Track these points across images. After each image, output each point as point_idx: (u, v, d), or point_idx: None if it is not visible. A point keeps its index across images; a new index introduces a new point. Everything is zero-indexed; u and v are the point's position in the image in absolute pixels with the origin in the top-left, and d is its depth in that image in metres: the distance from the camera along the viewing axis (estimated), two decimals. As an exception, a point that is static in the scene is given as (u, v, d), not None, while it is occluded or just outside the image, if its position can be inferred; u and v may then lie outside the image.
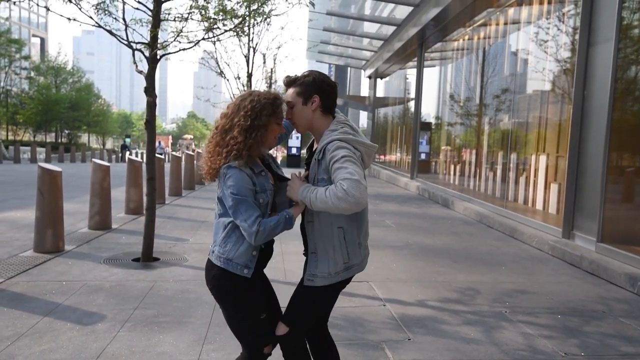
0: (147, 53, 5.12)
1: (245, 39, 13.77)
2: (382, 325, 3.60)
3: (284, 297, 4.18)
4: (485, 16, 10.47)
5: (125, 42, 5.05)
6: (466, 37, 12.03)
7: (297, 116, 2.00)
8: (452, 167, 12.93)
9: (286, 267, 5.10)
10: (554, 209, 7.33)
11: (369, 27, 18.57)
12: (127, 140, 44.40)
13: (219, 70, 13.38)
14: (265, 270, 2.27)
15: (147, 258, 5.16)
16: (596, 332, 3.61)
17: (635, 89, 5.83)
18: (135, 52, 5.11)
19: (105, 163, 6.92)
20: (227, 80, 13.49)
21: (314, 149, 2.05)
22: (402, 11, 13.92)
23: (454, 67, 13.35)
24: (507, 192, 9.00)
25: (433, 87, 14.61)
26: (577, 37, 6.34)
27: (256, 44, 14.19)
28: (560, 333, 3.56)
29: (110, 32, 5.09)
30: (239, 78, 14.07)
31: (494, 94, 10.17)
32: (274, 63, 21.61)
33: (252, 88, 14.23)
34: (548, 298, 4.40)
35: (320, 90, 1.97)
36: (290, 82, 2.02)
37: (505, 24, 9.81)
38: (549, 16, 7.95)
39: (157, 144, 30.59)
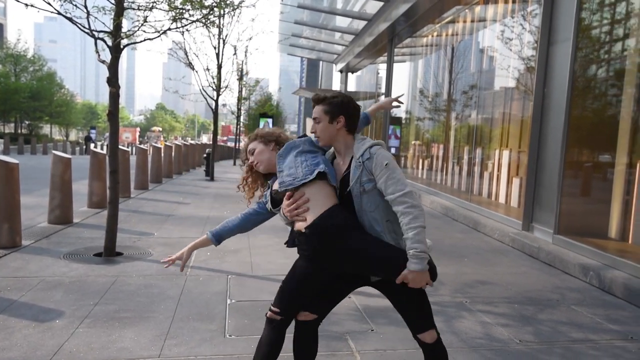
0: (109, 42, 5.01)
1: (214, 30, 13.64)
2: (347, 316, 3.66)
3: (251, 290, 4.21)
4: (454, 13, 10.65)
5: (87, 31, 4.92)
6: (435, 34, 12.22)
7: (321, 131, 2.19)
8: (420, 161, 13.15)
9: (253, 261, 5.11)
10: (515, 202, 7.57)
11: (341, 21, 18.61)
12: (92, 131, 43.25)
13: (188, 62, 13.20)
14: (232, 264, 2.28)
15: (109, 253, 5.08)
16: (550, 319, 3.78)
17: (592, 88, 6.07)
18: (98, 41, 4.99)
19: (67, 155, 6.75)
20: (197, 71, 13.32)
21: (334, 161, 2.28)
22: (373, 6, 14.00)
23: (424, 63, 13.54)
24: (472, 186, 9.23)
25: (403, 82, 14.78)
26: (539, 35, 6.54)
27: (226, 36, 14.08)
28: (517, 321, 3.71)
29: (70, 19, 4.95)
30: (209, 70, 13.92)
31: (462, 90, 10.39)
32: (245, 55, 21.47)
33: (222, 80, 14.09)
34: (507, 288, 4.56)
35: (345, 112, 2.18)
36: (319, 99, 2.22)
37: (473, 21, 10.01)
38: (514, 15, 8.16)
39: (105, 134, 29.74)
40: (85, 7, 4.96)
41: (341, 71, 23.22)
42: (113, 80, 4.97)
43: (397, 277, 2.02)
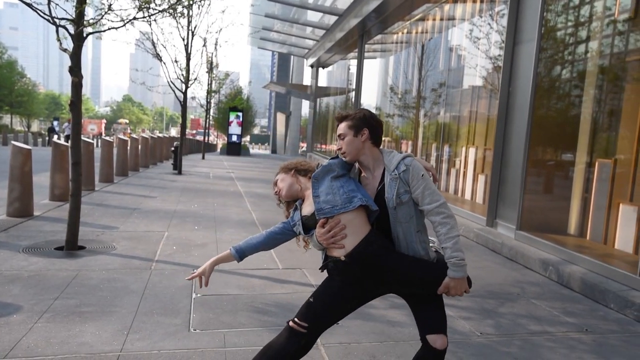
0: (72, 30, 4.85)
1: (183, 21, 13.39)
2: (312, 310, 3.67)
3: (217, 284, 4.17)
4: (424, 11, 10.78)
5: (48, 18, 4.75)
6: (405, 31, 12.35)
7: (347, 145, 2.23)
8: (389, 157, 13.27)
9: (219, 255, 5.06)
10: (480, 199, 7.76)
11: (312, 16, 18.58)
12: (55, 122, 41.84)
13: (156, 53, 12.92)
14: (198, 258, 2.25)
15: (71, 246, 4.94)
16: (510, 312, 3.90)
17: (555, 88, 6.27)
18: (59, 29, 4.82)
19: (27, 146, 6.51)
20: (164, 63, 13.05)
21: (361, 175, 2.32)
22: (344, 1, 14.03)
23: (394, 60, 13.67)
24: (439, 182, 9.40)
25: (373, 79, 14.90)
26: (505, 35, 6.69)
27: (195, 27, 13.83)
28: (478, 314, 3.81)
29: (30, 5, 4.76)
30: (177, 61, 13.66)
31: (431, 87, 10.55)
32: (215, 48, 21.19)
33: (191, 72, 13.86)
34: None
35: (369, 125, 2.24)
36: (343, 117, 2.28)
37: (442, 19, 10.16)
38: (482, 14, 8.32)
39: (65, 124, 28.68)
40: (47, -8, 4.78)
41: (312, 66, 23.21)
42: (75, 70, 4.82)
43: (437, 289, 2.10)
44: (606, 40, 5.51)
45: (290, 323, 2.21)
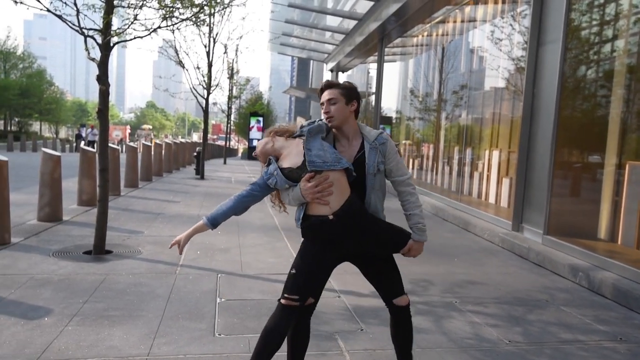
0: (99, 40, 4.95)
1: (205, 29, 13.56)
2: (336, 316, 3.65)
3: (241, 289, 4.18)
4: (444, 13, 10.68)
5: (77, 28, 4.86)
6: (426, 34, 12.25)
7: (337, 111, 2.37)
8: (410, 161, 13.17)
9: (242, 260, 5.08)
10: (505, 202, 7.61)
11: (331, 21, 18.61)
12: (82, 129, 42.81)
13: (178, 60, 13.10)
14: (222, 263, 2.27)
15: (98, 251, 5.02)
16: (539, 320, 3.79)
17: (581, 88, 6.12)
18: (87, 39, 4.92)
19: (56, 153, 6.66)
20: (187, 70, 13.23)
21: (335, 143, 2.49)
22: (364, 5, 13.99)
23: (414, 63, 13.57)
24: (462, 186, 9.27)
25: (394, 82, 14.80)
26: (529, 36, 6.57)
27: (216, 34, 14.00)
28: (506, 322, 3.72)
29: (60, 17, 4.88)
30: (199, 68, 13.84)
31: (452, 89, 10.42)
32: (236, 54, 21.38)
33: (213, 79, 14.01)
34: (496, 288, 4.58)
35: (358, 98, 2.45)
36: (334, 84, 2.43)
37: (463, 21, 10.04)
38: (503, 15, 8.20)
39: (88, 130, 29.24)
40: (75, 4, 4.89)
41: (332, 70, 23.21)
42: (103, 78, 4.91)
43: (401, 250, 2.43)
44: (633, 38, 5.35)
45: (283, 301, 2.30)
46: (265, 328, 2.30)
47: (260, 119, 25.80)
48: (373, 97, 15.83)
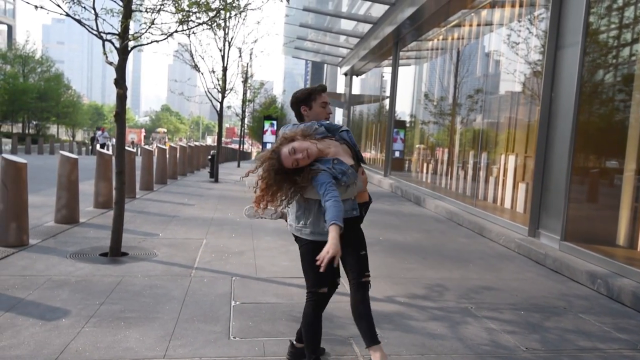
0: (117, 44, 5.02)
1: (220, 33, 13.66)
2: (351, 320, 3.58)
3: (256, 292, 4.19)
4: (460, 17, 10.63)
5: (95, 33, 4.94)
6: (441, 37, 12.20)
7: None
8: (425, 165, 13.11)
9: (257, 263, 5.09)
10: (521, 207, 7.53)
11: (346, 24, 18.62)
12: (98, 132, 43.42)
13: (194, 64, 13.22)
14: (236, 266, 2.28)
15: (115, 253, 5.08)
16: (556, 327, 3.74)
17: (600, 93, 6.03)
18: (106, 43, 5.00)
19: (74, 155, 6.76)
20: (202, 73, 13.34)
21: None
22: (378, 9, 14.00)
23: (429, 67, 13.52)
24: (477, 190, 9.19)
25: (408, 86, 14.76)
26: (546, 40, 6.51)
27: (232, 38, 14.09)
28: (523, 328, 3.67)
29: (79, 21, 4.97)
30: (214, 72, 13.94)
31: (467, 94, 10.36)
32: (250, 58, 21.50)
33: (228, 82, 14.11)
34: (512, 294, 4.52)
35: None
36: (326, 88, 2.85)
37: (479, 25, 9.99)
38: (520, 19, 8.13)
39: (99, 132, 29.65)
40: (94, 9, 4.97)
41: (346, 74, 23.22)
42: (120, 82, 4.98)
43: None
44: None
45: (306, 294, 2.71)
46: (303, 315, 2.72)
47: (274, 122, 25.89)
48: (387, 101, 15.79)
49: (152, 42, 5.33)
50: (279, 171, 2.44)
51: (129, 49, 5.12)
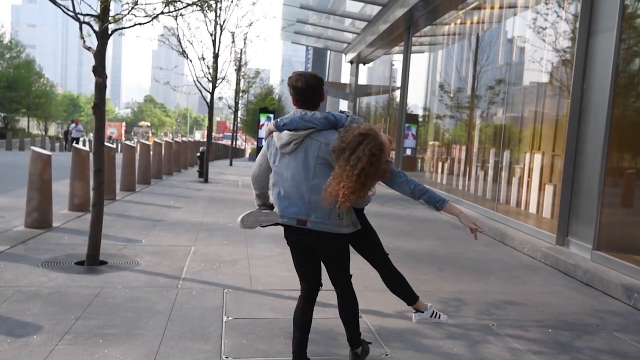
0: (96, 27, 5.02)
1: (211, 15, 13.67)
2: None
3: (250, 306, 4.19)
4: (480, -2, 10.63)
5: (71, 14, 4.93)
6: (458, 21, 12.20)
7: None
8: (439, 164, 13.11)
9: (252, 273, 5.09)
10: (548, 212, 7.52)
11: (352, 6, 18.65)
12: (72, 125, 43.51)
13: (181, 50, 13.24)
14: (229, 276, 2.26)
15: (92, 261, 5.08)
16: (588, 347, 3.73)
17: (637, 84, 6.02)
18: (83, 25, 4.99)
19: (46, 152, 6.77)
20: (190, 60, 13.35)
21: None
22: (389, -11, 14.00)
23: (445, 54, 13.53)
24: (498, 193, 9.18)
25: (421, 76, 14.77)
26: (577, 25, 6.50)
27: (224, 21, 14.10)
28: (550, 348, 3.66)
29: (53, 1, 4.96)
30: (204, 59, 13.95)
31: (487, 85, 10.36)
32: (244, 43, 21.53)
33: (219, 71, 14.12)
34: (539, 310, 4.52)
35: None
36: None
37: (501, 7, 9.99)
38: (548, 1, 8.13)
39: (72, 125, 29.67)
40: (70, -14, 4.97)
41: (351, 62, 23.23)
42: (100, 69, 4.97)
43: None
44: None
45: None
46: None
47: (271, 115, 25.91)
48: (398, 93, 15.80)
49: (135, 24, 5.32)
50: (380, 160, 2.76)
51: (109, 32, 5.12)
